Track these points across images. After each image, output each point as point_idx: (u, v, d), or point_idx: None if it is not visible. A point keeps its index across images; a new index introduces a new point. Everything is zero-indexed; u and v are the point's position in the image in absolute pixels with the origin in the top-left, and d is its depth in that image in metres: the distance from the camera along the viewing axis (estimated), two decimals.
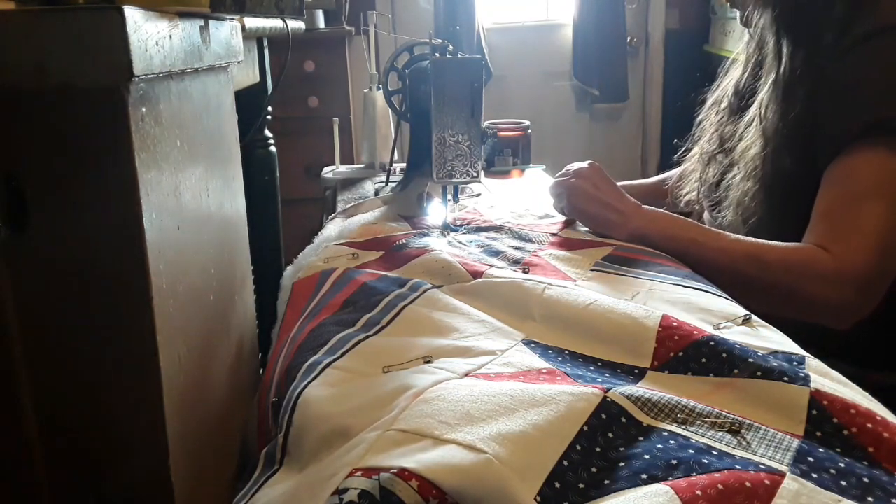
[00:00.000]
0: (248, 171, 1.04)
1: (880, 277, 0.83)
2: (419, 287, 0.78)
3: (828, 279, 0.82)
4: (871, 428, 0.52)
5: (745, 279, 0.86)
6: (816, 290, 0.83)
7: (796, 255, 0.85)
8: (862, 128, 0.83)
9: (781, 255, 0.86)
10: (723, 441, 0.52)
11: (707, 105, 1.17)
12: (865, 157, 0.83)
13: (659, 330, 0.65)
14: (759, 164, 0.94)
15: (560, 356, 0.65)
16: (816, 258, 0.84)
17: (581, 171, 1.02)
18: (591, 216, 0.99)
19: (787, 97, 0.91)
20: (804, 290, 0.83)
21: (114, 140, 0.48)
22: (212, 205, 0.69)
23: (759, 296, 0.85)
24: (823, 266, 0.83)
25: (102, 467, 0.52)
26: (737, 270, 0.86)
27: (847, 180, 0.84)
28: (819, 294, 0.83)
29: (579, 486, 0.48)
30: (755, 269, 0.86)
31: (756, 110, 0.97)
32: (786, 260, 0.85)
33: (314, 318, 0.76)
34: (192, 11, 0.62)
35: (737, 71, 1.11)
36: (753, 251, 0.88)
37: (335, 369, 0.64)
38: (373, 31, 1.63)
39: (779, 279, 0.85)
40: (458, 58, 0.97)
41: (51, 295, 0.50)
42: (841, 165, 0.85)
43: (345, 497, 0.44)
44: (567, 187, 1.01)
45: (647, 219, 0.95)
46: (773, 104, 0.93)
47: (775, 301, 0.85)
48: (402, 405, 0.54)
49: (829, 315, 0.84)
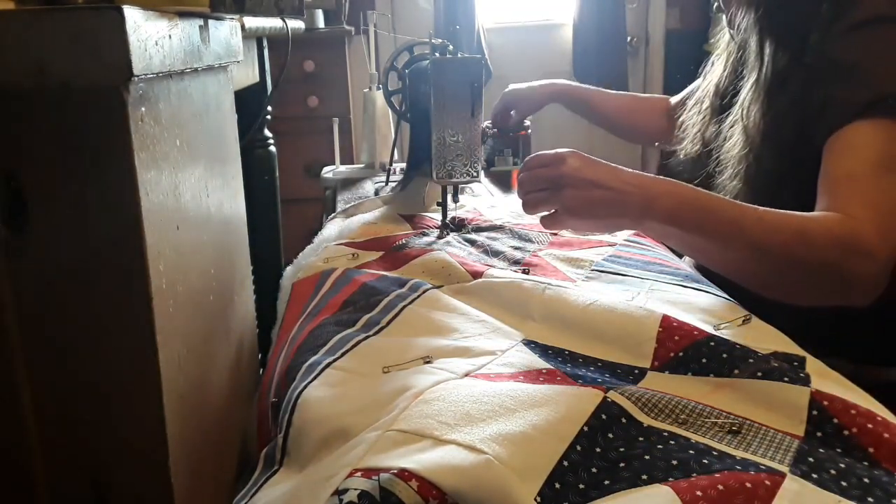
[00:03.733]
0: (248, 171, 1.04)
1: None
2: (419, 287, 0.78)
3: (871, 254, 0.76)
4: (872, 428, 0.52)
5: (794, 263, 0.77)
6: (860, 267, 0.76)
7: (839, 229, 0.77)
8: (865, 104, 0.81)
9: (826, 229, 0.77)
10: (723, 441, 0.52)
11: (689, 106, 1.16)
12: (872, 131, 0.81)
13: (659, 330, 0.65)
14: (744, 164, 0.93)
15: (560, 356, 0.65)
16: (858, 231, 0.77)
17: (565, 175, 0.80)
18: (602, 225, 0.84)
19: (769, 97, 0.90)
20: (848, 267, 0.76)
21: (113, 140, 0.47)
22: (211, 205, 0.69)
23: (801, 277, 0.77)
24: (868, 240, 0.76)
25: (102, 467, 0.52)
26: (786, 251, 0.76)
27: (860, 150, 0.81)
28: (862, 270, 0.76)
29: (579, 487, 0.48)
30: (803, 247, 0.76)
31: (739, 110, 0.96)
32: (830, 232, 0.77)
33: (314, 319, 0.76)
34: (192, 11, 0.62)
35: (717, 71, 1.10)
36: (796, 224, 0.77)
37: (335, 369, 0.63)
38: (372, 31, 1.63)
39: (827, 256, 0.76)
40: (458, 58, 0.97)
41: (51, 295, 0.49)
42: (846, 137, 0.81)
43: (344, 497, 0.44)
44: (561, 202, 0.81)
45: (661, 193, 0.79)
46: (755, 104, 0.92)
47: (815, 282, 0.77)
48: (402, 406, 0.54)
49: (862, 291, 0.77)
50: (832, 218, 0.79)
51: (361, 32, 1.86)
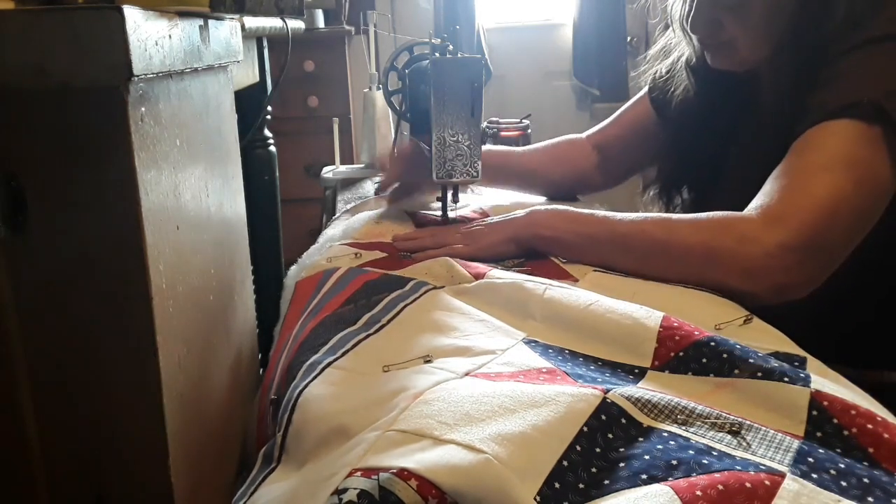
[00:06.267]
0: (248, 171, 1.04)
1: (825, 242, 0.76)
2: (420, 288, 0.78)
3: (747, 236, 0.76)
4: (872, 429, 0.52)
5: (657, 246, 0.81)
6: (735, 247, 0.76)
7: (710, 216, 0.80)
8: (838, 106, 0.80)
9: (692, 217, 0.81)
10: (723, 442, 0.52)
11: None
12: (832, 132, 0.79)
13: (660, 330, 0.65)
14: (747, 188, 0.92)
15: (561, 355, 0.65)
16: (736, 217, 0.79)
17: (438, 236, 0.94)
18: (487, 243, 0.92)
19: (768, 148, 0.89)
20: (722, 248, 0.77)
21: (113, 140, 0.47)
22: (211, 205, 0.69)
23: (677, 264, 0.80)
24: (745, 223, 0.77)
25: (102, 467, 0.52)
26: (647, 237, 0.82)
27: (809, 151, 0.80)
28: (740, 251, 0.76)
29: (579, 486, 0.48)
30: (663, 231, 0.81)
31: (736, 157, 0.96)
32: (696, 220, 0.81)
33: (315, 317, 0.76)
34: (192, 11, 0.62)
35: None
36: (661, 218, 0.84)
37: (335, 369, 0.64)
38: (372, 31, 1.63)
39: (690, 238, 0.79)
40: (458, 58, 0.97)
41: (51, 295, 0.50)
42: (806, 137, 0.81)
43: (344, 497, 0.44)
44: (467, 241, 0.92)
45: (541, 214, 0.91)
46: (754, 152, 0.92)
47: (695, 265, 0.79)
48: (402, 406, 0.54)
49: (758, 278, 0.76)
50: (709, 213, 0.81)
51: (361, 32, 1.86)
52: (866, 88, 0.79)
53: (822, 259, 0.77)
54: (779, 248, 0.75)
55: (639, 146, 1.16)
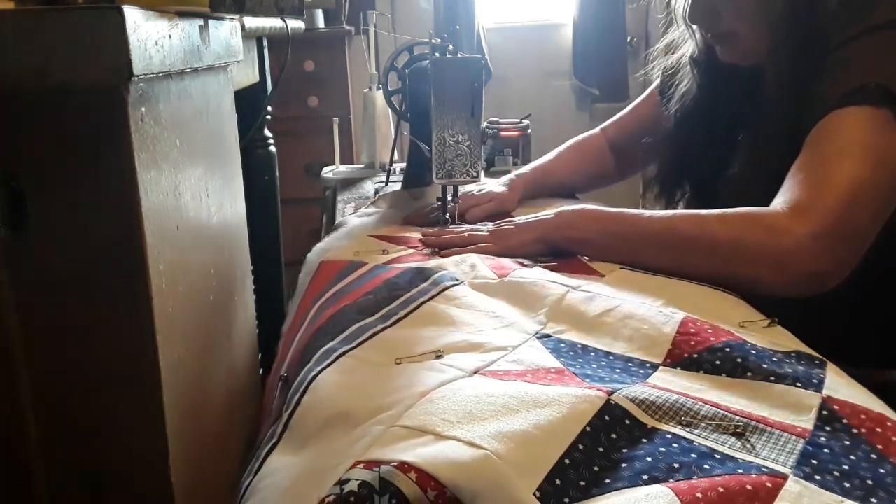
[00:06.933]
0: (248, 171, 1.04)
1: (851, 226, 0.77)
2: (440, 282, 0.78)
3: (776, 228, 0.76)
4: (881, 432, 0.52)
5: (688, 242, 0.82)
6: (765, 239, 0.77)
7: (737, 211, 0.81)
8: (846, 92, 0.81)
9: (720, 212, 0.82)
10: (726, 444, 0.52)
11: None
12: (843, 120, 0.80)
13: (676, 336, 0.65)
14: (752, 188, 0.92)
15: (572, 350, 0.66)
16: (764, 210, 0.79)
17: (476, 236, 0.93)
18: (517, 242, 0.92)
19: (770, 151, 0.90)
20: (752, 240, 0.78)
21: (113, 140, 0.47)
22: (211, 204, 0.69)
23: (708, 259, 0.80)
24: (773, 217, 0.78)
25: (102, 467, 0.52)
26: (677, 233, 0.82)
27: (823, 141, 0.81)
28: (770, 243, 0.76)
29: (580, 484, 0.48)
30: (694, 227, 0.82)
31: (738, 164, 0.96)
32: (725, 214, 0.81)
33: (334, 305, 0.77)
34: (192, 11, 0.62)
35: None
36: (691, 214, 0.84)
37: (349, 358, 0.64)
38: (373, 31, 1.63)
39: (721, 233, 0.80)
40: (458, 58, 0.97)
41: (51, 295, 0.49)
42: (818, 129, 0.82)
43: (346, 487, 0.46)
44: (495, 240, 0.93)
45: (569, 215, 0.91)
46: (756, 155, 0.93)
47: (726, 259, 0.80)
48: (408, 403, 0.55)
49: (790, 268, 0.76)
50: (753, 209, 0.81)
51: (361, 32, 1.86)
52: (873, 73, 0.80)
53: (850, 244, 0.78)
54: (808, 237, 0.76)
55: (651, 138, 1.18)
